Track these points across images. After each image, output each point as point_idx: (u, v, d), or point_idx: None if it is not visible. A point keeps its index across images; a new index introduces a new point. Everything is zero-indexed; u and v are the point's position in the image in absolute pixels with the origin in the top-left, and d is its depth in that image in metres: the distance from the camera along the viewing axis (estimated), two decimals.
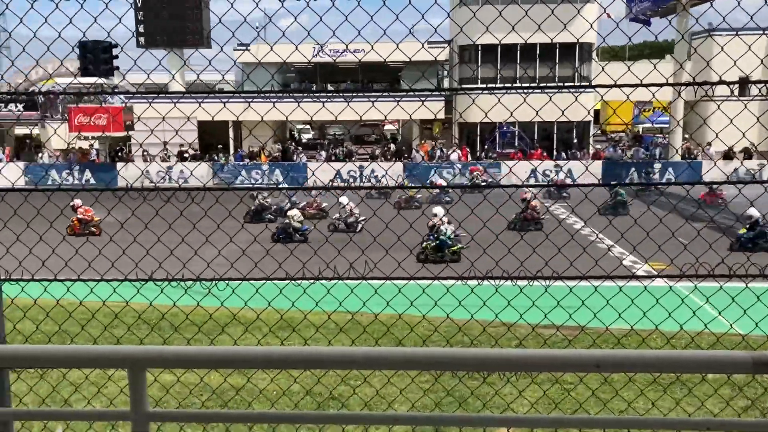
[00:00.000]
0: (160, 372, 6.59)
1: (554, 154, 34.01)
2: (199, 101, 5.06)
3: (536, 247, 4.28)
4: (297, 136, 44.08)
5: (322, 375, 6.40)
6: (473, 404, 7.28)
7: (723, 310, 4.68)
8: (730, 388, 7.49)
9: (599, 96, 28.99)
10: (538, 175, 30.05)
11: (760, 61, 4.42)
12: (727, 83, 3.94)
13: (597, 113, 41.88)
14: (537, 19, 4.27)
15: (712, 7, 23.41)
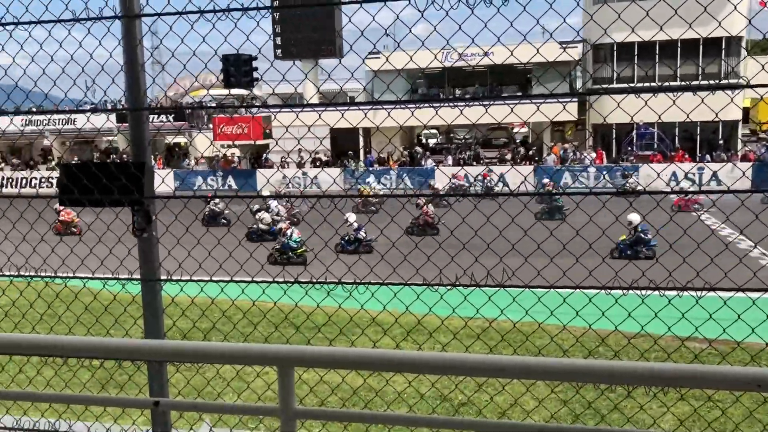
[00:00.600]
0: (305, 371, 6.83)
1: (697, 155, 31.87)
2: (337, 110, 5.21)
3: (686, 256, 4.02)
4: (424, 141, 44.32)
5: (459, 381, 6.38)
6: (614, 418, 6.95)
7: None
8: None
9: (749, 93, 26.87)
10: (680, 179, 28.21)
11: None
12: None
13: (746, 111, 38.76)
14: (679, 13, 4.01)
15: None
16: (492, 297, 4.08)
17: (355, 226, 18.98)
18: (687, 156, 31.05)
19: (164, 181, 4.72)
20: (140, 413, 5.63)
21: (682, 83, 27.76)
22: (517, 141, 40.63)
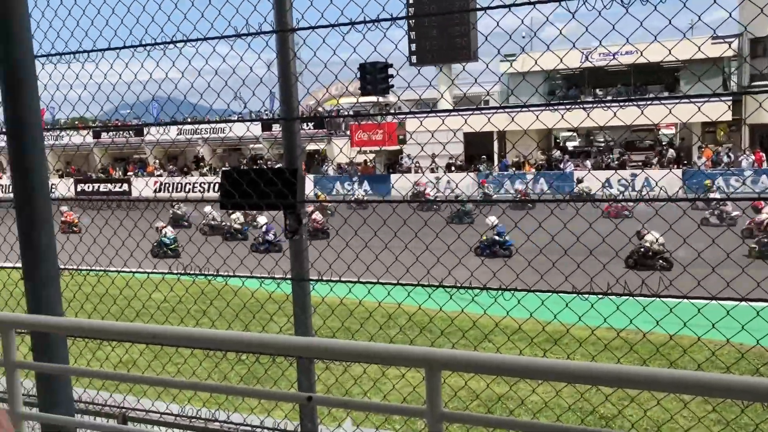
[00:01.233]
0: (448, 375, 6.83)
1: None
2: (467, 116, 5.17)
3: None
4: (562, 144, 43.04)
5: (585, 390, 6.13)
6: None
7: None
8: None
9: None
10: None
11: None
12: None
13: None
14: None
15: None
16: (647, 307, 3.89)
17: (265, 229, 21.75)
18: None
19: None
20: (292, 407, 5.91)
21: None
22: (663, 143, 38.40)
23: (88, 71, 4.81)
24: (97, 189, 41.32)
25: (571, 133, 44.03)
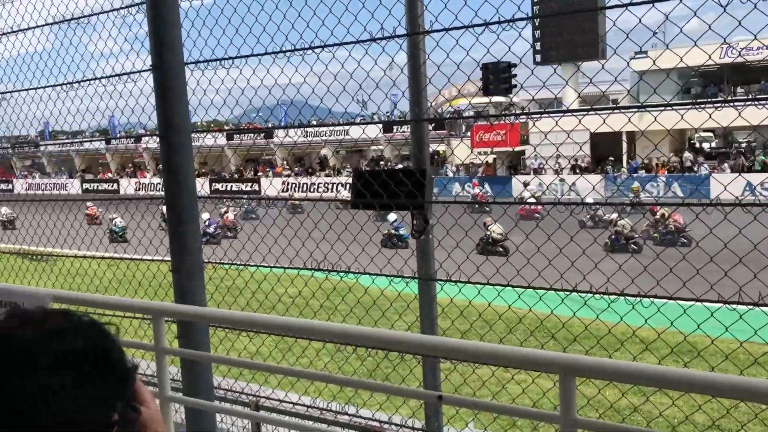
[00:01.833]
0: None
1: None
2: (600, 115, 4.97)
3: None
4: (697, 145, 40.45)
5: (732, 406, 5.68)
6: None
7: None
8: None
9: None
10: None
11: None
12: None
13: None
14: None
15: None
16: None
17: (208, 222, 23.48)
18: None
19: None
20: (418, 405, 5.97)
21: None
22: None
23: (232, 77, 5.09)
24: (229, 188, 43.95)
25: (708, 134, 41.32)
